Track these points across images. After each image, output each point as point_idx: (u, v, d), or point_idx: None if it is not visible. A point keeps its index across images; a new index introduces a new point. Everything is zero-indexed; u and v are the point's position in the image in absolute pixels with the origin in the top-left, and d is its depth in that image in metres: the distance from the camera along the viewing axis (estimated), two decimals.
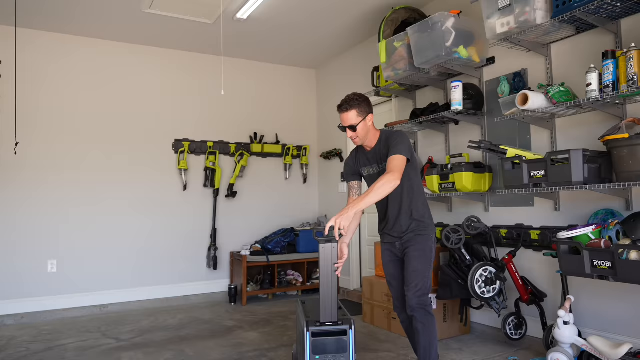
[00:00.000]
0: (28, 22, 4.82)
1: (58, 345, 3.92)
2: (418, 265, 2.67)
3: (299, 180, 6.48)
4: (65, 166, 5.11)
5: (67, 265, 5.07)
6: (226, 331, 4.28)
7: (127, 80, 5.49)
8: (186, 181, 5.71)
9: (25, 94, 4.83)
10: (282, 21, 4.98)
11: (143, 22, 4.91)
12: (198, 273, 5.75)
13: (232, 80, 5.94)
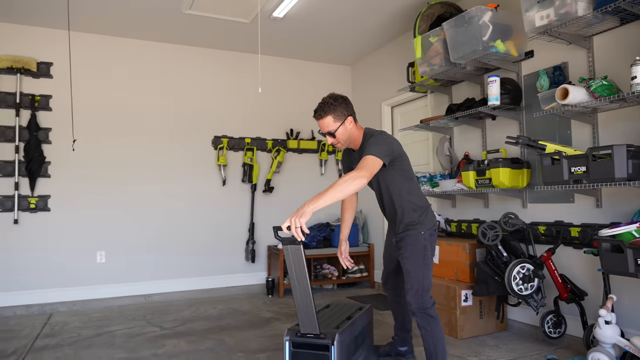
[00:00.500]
0: (79, 26, 4.99)
1: (107, 331, 4.08)
2: (410, 266, 2.62)
3: (334, 176, 6.48)
4: (114, 163, 5.29)
5: (114, 256, 5.26)
6: (264, 322, 4.34)
7: (168, 79, 5.63)
8: (225, 176, 5.82)
9: (78, 94, 5.02)
10: (318, 19, 4.97)
11: (183, 22, 5.00)
12: (237, 265, 5.86)
13: (269, 78, 5.99)
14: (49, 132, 5.03)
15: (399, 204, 2.68)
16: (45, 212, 5.00)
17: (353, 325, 2.59)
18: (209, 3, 4.49)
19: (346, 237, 3.03)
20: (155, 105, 5.54)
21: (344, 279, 5.90)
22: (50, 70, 5.07)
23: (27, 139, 4.90)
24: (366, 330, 2.93)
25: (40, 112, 5.00)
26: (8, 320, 4.53)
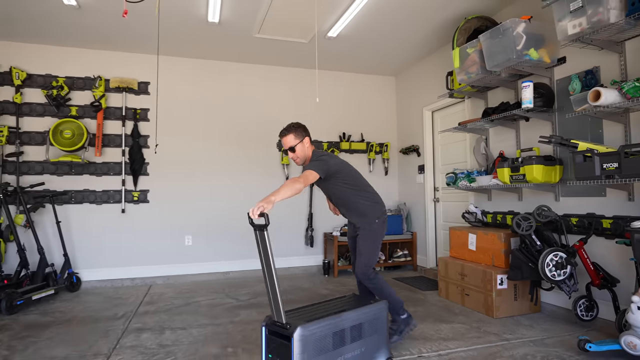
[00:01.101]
0: (168, 51, 5.23)
1: (194, 301, 4.26)
2: (362, 247, 2.96)
3: (381, 173, 6.40)
4: (198, 163, 5.51)
5: (199, 240, 5.48)
6: (321, 298, 4.35)
7: (241, 92, 5.76)
8: (288, 174, 5.89)
9: (171, 107, 5.27)
10: (366, 37, 4.91)
11: (253, 45, 5.10)
12: (298, 249, 5.93)
13: (324, 89, 6.00)
14: (147, 139, 5.30)
15: (347, 204, 3.01)
16: (145, 204, 5.30)
17: (336, 319, 2.26)
18: (274, 27, 4.56)
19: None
20: (231, 115, 5.70)
21: (390, 262, 5.82)
22: (148, 88, 5.34)
23: (131, 145, 5.20)
24: (370, 326, 2.44)
25: (141, 123, 5.29)
26: (118, 290, 4.84)
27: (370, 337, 2.44)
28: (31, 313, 3.88)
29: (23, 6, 4.02)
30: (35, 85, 4.93)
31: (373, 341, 2.46)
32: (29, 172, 4.88)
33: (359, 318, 2.38)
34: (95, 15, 4.22)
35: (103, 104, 5.07)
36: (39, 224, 4.81)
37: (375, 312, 2.49)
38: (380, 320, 2.50)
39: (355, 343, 2.36)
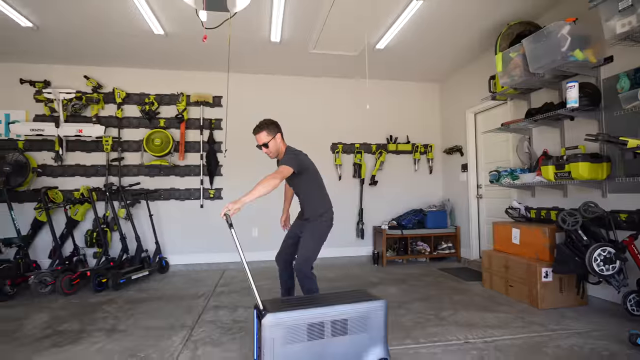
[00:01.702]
0: (238, 69, 5.42)
1: (260, 284, 4.37)
2: (306, 242, 2.84)
3: (425, 172, 6.20)
4: (261, 165, 5.63)
5: (264, 231, 5.64)
6: (372, 285, 4.31)
7: (298, 102, 5.83)
8: (340, 173, 5.89)
9: (233, 117, 5.45)
10: (411, 47, 4.78)
11: (308, 59, 5.15)
12: (349, 240, 5.90)
13: (373, 96, 5.91)
14: (221, 145, 5.53)
15: (307, 200, 2.97)
16: (220, 200, 5.53)
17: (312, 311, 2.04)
18: (328, 43, 4.56)
19: (287, 210, 3.37)
20: (289, 121, 5.76)
21: (435, 254, 5.63)
22: (220, 101, 5.57)
23: (207, 150, 5.45)
24: (357, 323, 2.11)
25: (215, 131, 5.53)
26: (198, 273, 5.10)
27: (358, 335, 2.10)
28: (131, 290, 4.19)
29: (122, 38, 4.35)
30: (132, 102, 5.33)
31: (363, 339, 2.10)
32: (128, 174, 5.28)
33: (344, 313, 2.07)
34: (178, 41, 4.47)
35: (185, 116, 5.36)
36: (135, 216, 5.19)
37: (366, 311, 2.12)
38: (372, 320, 2.12)
39: (339, 337, 2.06)
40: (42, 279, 3.97)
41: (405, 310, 3.39)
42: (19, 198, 4.94)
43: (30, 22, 3.93)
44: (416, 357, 2.46)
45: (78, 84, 5.18)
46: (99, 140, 5.19)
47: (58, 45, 4.52)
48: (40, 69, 5.12)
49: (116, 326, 3.07)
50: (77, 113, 5.14)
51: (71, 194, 5.05)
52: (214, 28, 3.00)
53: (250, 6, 2.67)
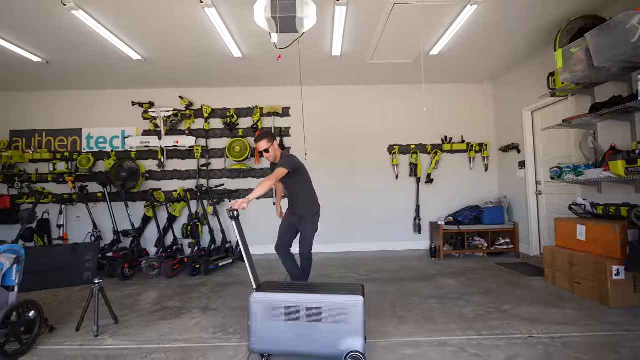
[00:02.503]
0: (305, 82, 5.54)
1: (326, 274, 4.43)
2: (307, 233, 3.20)
3: (481, 169, 5.81)
4: (327, 165, 5.73)
5: (326, 225, 5.64)
6: (430, 277, 4.15)
7: (356, 108, 5.81)
8: (397, 173, 5.75)
9: (309, 125, 5.56)
10: (465, 51, 4.51)
11: (366, 69, 5.10)
12: (407, 235, 5.74)
13: (428, 100, 5.68)
14: (290, 150, 5.70)
15: (300, 198, 3.20)
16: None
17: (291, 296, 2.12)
18: (384, 53, 4.47)
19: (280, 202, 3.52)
20: (350, 127, 5.80)
21: (492, 249, 5.25)
22: (289, 111, 5.75)
23: None
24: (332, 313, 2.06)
25: (285, 138, 5.71)
26: (271, 262, 5.23)
27: (332, 325, 2.05)
28: (219, 275, 4.49)
29: (208, 63, 4.68)
30: (216, 116, 5.70)
31: (337, 330, 2.05)
32: (214, 177, 5.67)
33: (318, 303, 2.07)
34: (253, 62, 4.69)
35: (259, 126, 5.61)
36: (221, 213, 5.54)
37: (342, 304, 2.05)
38: (349, 313, 2.04)
39: (311, 323, 2.07)
40: (151, 263, 4.41)
41: (465, 302, 3.21)
42: (132, 198, 5.54)
43: (140, 56, 4.38)
44: (480, 348, 2.32)
45: (174, 103, 5.67)
46: (191, 149, 5.63)
47: (160, 72, 4.99)
48: (146, 93, 5.70)
49: (209, 305, 3.30)
50: (174, 127, 5.63)
51: (170, 194, 5.54)
52: (286, 48, 3.10)
53: (314, 26, 2.72)
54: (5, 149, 5.55)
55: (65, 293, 3.79)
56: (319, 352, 2.07)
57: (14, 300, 2.35)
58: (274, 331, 2.11)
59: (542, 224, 4.85)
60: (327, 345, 2.05)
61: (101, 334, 2.64)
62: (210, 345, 2.43)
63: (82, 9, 3.32)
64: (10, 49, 4.06)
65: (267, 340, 2.12)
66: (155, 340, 2.54)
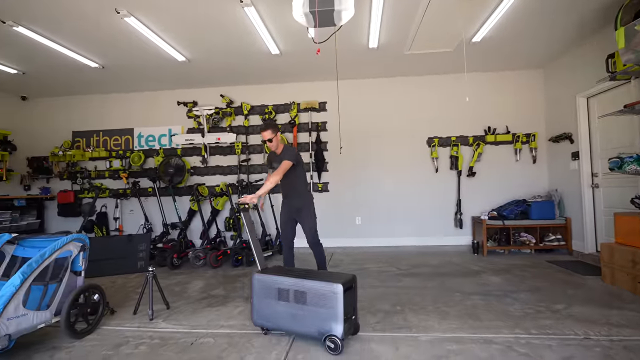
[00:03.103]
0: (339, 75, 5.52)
1: (365, 267, 4.41)
2: (308, 221, 3.27)
3: (528, 161, 5.48)
4: (363, 159, 5.70)
5: (366, 220, 5.67)
6: (473, 273, 4.00)
7: (395, 101, 5.69)
8: (437, 166, 5.57)
9: (345, 119, 5.56)
10: (510, 36, 4.25)
11: (403, 60, 4.98)
12: (447, 230, 5.57)
13: (470, 89, 5.44)
14: (326, 144, 5.73)
15: (298, 189, 3.29)
16: (327, 192, 5.74)
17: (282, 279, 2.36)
18: (422, 43, 4.34)
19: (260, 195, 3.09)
20: (388, 119, 5.70)
21: (541, 246, 4.94)
22: (325, 106, 5.76)
23: (315, 149, 5.69)
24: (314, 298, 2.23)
25: (321, 133, 5.74)
26: (311, 255, 5.32)
27: (315, 308, 2.21)
28: None
29: (247, 61, 4.80)
30: (255, 113, 5.85)
31: (319, 313, 2.20)
32: (254, 172, 5.84)
33: (303, 287, 2.27)
34: (290, 58, 4.75)
35: (296, 121, 5.69)
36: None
37: (323, 290, 2.20)
38: (329, 299, 2.17)
39: (298, 305, 2.27)
40: (197, 254, 4.65)
41: (511, 299, 3.07)
42: (179, 192, 5.86)
43: (184, 57, 4.60)
44: (529, 347, 2.21)
45: (216, 102, 5.90)
46: (232, 146, 5.84)
47: (202, 72, 5.21)
48: (190, 92, 5.97)
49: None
50: (216, 125, 5.86)
51: (213, 188, 5.79)
52: (323, 42, 3.11)
53: (351, 18, 2.69)
54: (69, 148, 6.09)
55: (121, 280, 4.11)
56: (304, 331, 2.28)
57: (81, 284, 2.59)
58: (269, 309, 2.39)
59: (599, 219, 4.49)
60: (310, 326, 2.24)
61: (155, 317, 2.84)
62: (254, 333, 2.53)
63: (134, 16, 3.54)
64: (72, 56, 4.43)
65: (265, 316, 2.41)
66: (204, 325, 2.68)
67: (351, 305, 2.26)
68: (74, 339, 2.46)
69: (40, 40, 3.95)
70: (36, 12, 3.46)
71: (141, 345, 2.38)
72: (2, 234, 2.55)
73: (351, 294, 2.26)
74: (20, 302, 2.16)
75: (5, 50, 4.31)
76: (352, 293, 2.28)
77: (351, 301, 2.26)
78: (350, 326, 2.24)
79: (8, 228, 5.24)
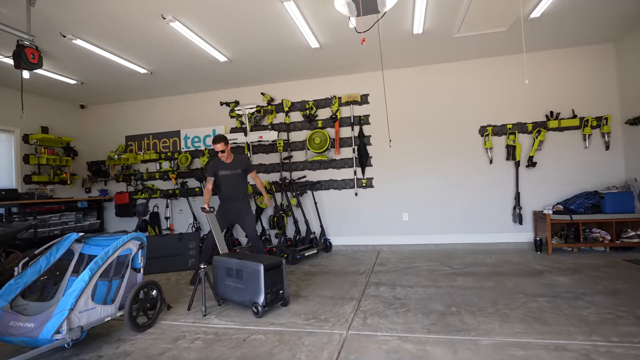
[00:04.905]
0: (380, 66, 5.42)
1: (414, 266, 4.31)
2: (250, 221, 3.87)
3: (599, 148, 5.00)
4: (410, 152, 5.55)
5: (414, 216, 5.53)
6: (536, 273, 3.75)
7: (443, 89, 5.47)
8: (491, 157, 5.28)
9: (381, 111, 5.47)
10: (575, 6, 3.89)
11: (452, 45, 4.77)
12: (505, 226, 5.26)
13: (528, 70, 5.07)
14: (370, 138, 5.66)
15: (242, 192, 3.90)
16: (371, 188, 5.68)
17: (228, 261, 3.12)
18: (473, 24, 4.13)
19: None
20: (435, 109, 5.50)
21: (618, 243, 4.50)
22: (367, 98, 5.69)
23: (358, 144, 5.65)
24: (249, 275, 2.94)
25: (364, 126, 5.68)
26: (356, 253, 5.36)
27: (247, 282, 2.95)
28: (305, 265, 4.70)
29: (286, 57, 4.87)
30: (296, 110, 5.93)
31: (250, 287, 2.94)
32: (296, 169, 5.93)
33: (240, 266, 3.01)
34: (330, 51, 4.74)
35: (338, 116, 5.68)
36: (304, 204, 5.79)
37: (252, 269, 2.92)
38: (255, 276, 2.89)
39: (238, 280, 3.02)
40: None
41: (585, 302, 2.83)
42: None
43: (225, 57, 4.78)
44: (610, 356, 2.02)
45: (257, 100, 6.06)
46: (274, 143, 5.97)
47: (243, 71, 5.37)
48: (231, 92, 6.20)
49: (298, 292, 3.49)
50: (257, 123, 6.03)
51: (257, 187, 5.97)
52: (367, 30, 3.06)
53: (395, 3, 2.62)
54: (123, 152, 6.60)
55: (175, 277, 4.38)
56: (241, 300, 3.01)
57: (141, 280, 2.79)
58: (223, 283, 3.15)
59: None
60: (245, 296, 2.97)
61: (208, 314, 3.00)
62: (304, 331, 2.57)
63: (178, 20, 3.73)
64: (123, 64, 4.79)
65: (222, 289, 3.17)
66: (254, 322, 2.78)
67: (276, 282, 2.97)
68: (136, 332, 2.67)
69: (95, 50, 4.31)
70: (91, 25, 3.77)
71: (197, 340, 2.52)
72: (71, 234, 2.83)
73: (275, 273, 2.97)
74: (89, 297, 2.38)
75: (66, 63, 4.76)
76: (277, 272, 2.98)
77: (276, 279, 2.97)
78: (274, 298, 2.94)
79: (73, 228, 5.81)
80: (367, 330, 2.53)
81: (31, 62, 3.44)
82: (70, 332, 2.22)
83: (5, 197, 5.09)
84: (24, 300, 2.47)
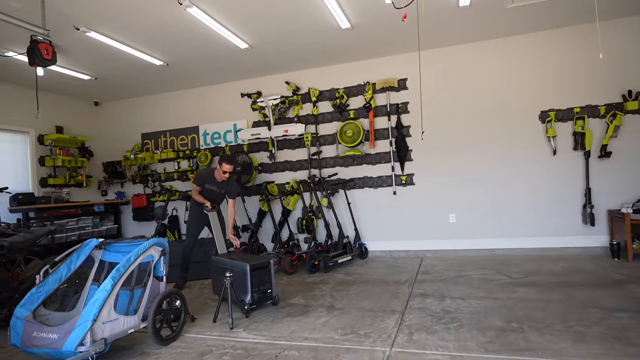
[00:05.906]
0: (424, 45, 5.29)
1: (465, 274, 4.21)
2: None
3: None
4: (457, 144, 5.40)
5: (463, 217, 5.39)
6: (615, 283, 3.55)
7: (494, 68, 5.27)
8: (555, 146, 5.04)
9: (429, 96, 5.28)
10: None
11: (505, 17, 4.58)
12: (573, 228, 5.01)
13: (600, 43, 4.79)
14: (409, 129, 5.56)
15: (218, 203, 4.40)
16: (412, 186, 5.59)
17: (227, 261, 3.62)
18: None
19: None
20: (487, 93, 5.31)
21: None
22: (406, 84, 5.59)
23: (396, 135, 5.57)
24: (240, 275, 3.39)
25: (402, 115, 5.59)
26: (396, 259, 5.30)
27: (236, 281, 3.32)
28: (339, 272, 4.71)
29: (313, 40, 4.88)
30: (325, 99, 5.93)
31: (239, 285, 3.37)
32: (326, 166, 5.94)
33: (232, 266, 3.46)
34: (363, 31, 4.70)
35: (372, 104, 5.62)
36: (335, 205, 5.78)
37: (240, 269, 3.40)
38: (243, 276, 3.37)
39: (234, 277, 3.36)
40: (270, 259, 4.89)
41: None
42: (247, 192, 6.23)
43: (246, 44, 4.85)
44: None
45: (281, 90, 6.12)
46: (301, 138, 6.01)
47: (265, 58, 5.44)
48: (253, 82, 6.29)
49: (334, 304, 3.50)
50: (282, 115, 6.09)
51: (283, 186, 6.03)
52: (408, 5, 3.00)
53: None
54: (139, 151, 6.88)
55: (197, 285, 4.52)
56: (233, 297, 3.25)
57: (164, 289, 2.90)
58: (218, 281, 3.60)
59: None
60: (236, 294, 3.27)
61: (235, 326, 3.07)
62: (342, 347, 2.57)
63: (195, 5, 3.83)
64: (138, 56, 4.98)
65: (217, 287, 3.71)
66: (286, 336, 2.82)
67: (264, 281, 3.42)
68: (160, 345, 2.77)
69: (109, 42, 4.51)
70: (104, 15, 3.95)
71: (225, 356, 2.59)
72: (91, 240, 2.98)
73: (262, 273, 3.42)
74: (112, 307, 2.50)
75: (79, 58, 5.01)
76: (264, 272, 3.43)
77: (264, 279, 3.42)
78: (262, 297, 3.40)
79: (90, 233, 6.13)
80: (413, 348, 2.49)
81: (45, 58, 3.64)
82: (94, 344, 2.34)
83: (23, 202, 5.45)
84: (46, 310, 2.64)
